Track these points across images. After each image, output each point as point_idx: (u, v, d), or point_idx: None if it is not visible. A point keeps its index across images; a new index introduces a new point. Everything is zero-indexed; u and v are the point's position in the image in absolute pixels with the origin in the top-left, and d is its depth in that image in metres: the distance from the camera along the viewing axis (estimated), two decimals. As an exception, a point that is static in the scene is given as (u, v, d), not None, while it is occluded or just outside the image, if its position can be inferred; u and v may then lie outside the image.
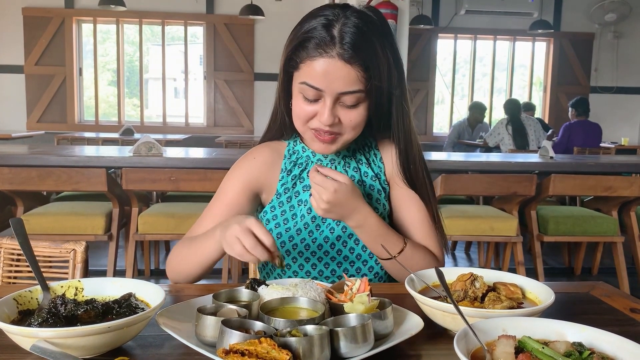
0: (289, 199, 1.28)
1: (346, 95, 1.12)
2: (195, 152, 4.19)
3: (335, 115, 1.15)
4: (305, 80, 1.13)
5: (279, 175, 1.30)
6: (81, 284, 0.91)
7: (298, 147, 1.33)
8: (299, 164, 1.31)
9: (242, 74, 7.59)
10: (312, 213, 1.25)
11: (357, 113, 1.16)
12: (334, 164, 1.31)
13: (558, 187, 3.57)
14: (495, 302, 0.87)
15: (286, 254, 1.27)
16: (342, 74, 1.10)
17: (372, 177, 1.31)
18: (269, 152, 1.33)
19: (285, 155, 1.32)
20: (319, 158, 1.31)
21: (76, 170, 3.26)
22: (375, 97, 1.16)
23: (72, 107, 7.51)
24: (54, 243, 1.53)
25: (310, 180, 1.15)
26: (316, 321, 0.79)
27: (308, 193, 1.26)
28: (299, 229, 1.26)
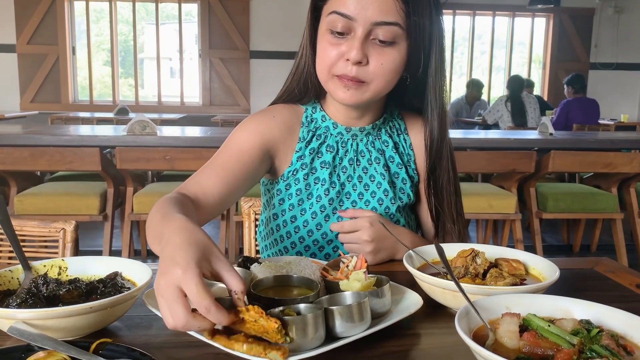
0: (305, 176, 1.17)
1: (380, 28, 0.99)
2: (191, 131, 4.14)
3: (365, 54, 1.01)
4: (335, 9, 1.01)
5: (296, 145, 1.18)
6: (65, 263, 0.87)
7: (317, 115, 1.20)
8: (318, 135, 1.19)
9: (237, 52, 7.49)
10: (330, 194, 1.16)
11: (391, 55, 1.02)
12: (355, 140, 1.19)
13: (557, 164, 3.54)
14: (497, 278, 0.83)
15: (299, 241, 1.17)
16: (378, 1, 0.99)
17: (398, 164, 1.21)
18: (288, 114, 1.20)
19: (303, 122, 1.20)
20: (340, 132, 1.18)
21: (69, 150, 3.21)
22: (413, 45, 1.04)
23: (65, 87, 7.42)
24: (42, 222, 1.49)
25: (340, 236, 1.09)
26: (310, 300, 0.75)
27: (326, 171, 1.17)
28: (314, 212, 1.16)
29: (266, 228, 1.25)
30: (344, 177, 1.19)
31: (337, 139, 1.20)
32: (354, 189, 1.19)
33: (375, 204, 1.19)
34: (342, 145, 1.20)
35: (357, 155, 1.20)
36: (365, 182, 1.19)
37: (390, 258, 1.11)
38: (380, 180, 1.19)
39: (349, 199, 1.18)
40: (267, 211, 1.25)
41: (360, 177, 1.19)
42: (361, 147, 1.20)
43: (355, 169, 1.19)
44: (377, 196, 1.19)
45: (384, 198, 1.19)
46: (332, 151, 1.19)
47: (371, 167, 1.20)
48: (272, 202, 1.22)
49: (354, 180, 1.19)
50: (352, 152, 1.20)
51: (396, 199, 1.20)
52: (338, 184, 1.18)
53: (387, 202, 1.19)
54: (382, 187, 1.19)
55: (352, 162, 1.19)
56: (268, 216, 1.23)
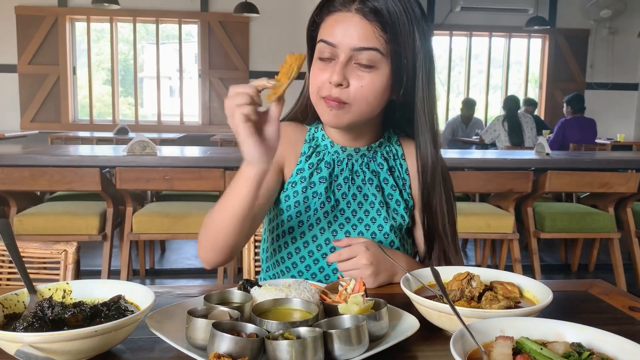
0: (304, 189, 1.23)
1: (360, 53, 1.07)
2: (190, 151, 4.17)
3: (346, 77, 1.08)
4: (322, 37, 1.11)
5: (298, 159, 1.25)
6: (69, 286, 0.88)
7: (318, 134, 1.27)
8: (317, 152, 1.26)
9: (237, 72, 7.56)
10: (325, 207, 1.21)
11: (370, 79, 1.09)
12: (351, 160, 1.25)
13: (554, 184, 3.57)
14: (492, 301, 0.85)
15: (295, 252, 1.21)
16: (358, 29, 1.07)
17: (392, 186, 1.25)
18: (292, 130, 1.28)
19: (306, 140, 1.27)
20: (336, 150, 1.24)
21: (69, 170, 3.23)
22: (396, 69, 1.10)
23: (66, 107, 7.47)
24: (44, 244, 1.51)
25: (339, 265, 1.12)
26: (309, 323, 0.77)
27: (323, 185, 1.22)
28: (310, 224, 1.22)
29: (267, 240, 1.29)
30: (338, 194, 1.24)
31: (334, 157, 1.25)
32: (348, 205, 1.23)
33: (369, 221, 1.23)
34: (338, 164, 1.25)
35: (352, 174, 1.25)
36: (359, 200, 1.24)
37: (390, 280, 1.13)
38: (373, 200, 1.24)
39: (343, 214, 1.23)
40: (269, 222, 1.30)
41: (354, 195, 1.24)
42: (356, 167, 1.25)
43: (350, 187, 1.24)
44: (370, 215, 1.23)
45: (377, 217, 1.23)
46: (329, 168, 1.25)
47: (365, 186, 1.25)
48: (273, 212, 1.27)
49: (348, 198, 1.24)
50: (347, 171, 1.25)
51: (389, 218, 1.23)
52: (333, 199, 1.23)
53: (380, 221, 1.22)
54: (375, 207, 1.23)
55: (347, 180, 1.24)
56: (270, 227, 1.28)
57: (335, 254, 1.14)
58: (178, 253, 4.69)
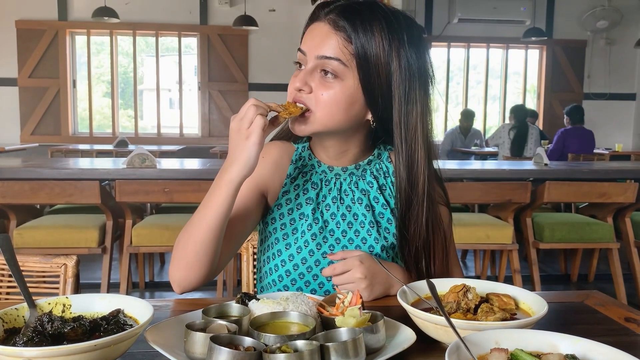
0: (290, 211, 1.21)
1: (323, 62, 1.08)
2: (189, 163, 4.18)
3: (308, 83, 1.10)
4: (300, 46, 1.14)
5: (284, 181, 1.24)
6: (69, 300, 0.89)
7: (305, 153, 1.26)
8: (304, 172, 1.24)
9: (236, 84, 7.60)
10: (313, 230, 1.19)
11: (332, 88, 1.09)
12: (339, 179, 1.23)
13: (553, 194, 3.58)
14: (488, 313, 0.86)
15: (285, 275, 1.20)
16: (325, 38, 1.09)
17: (382, 204, 1.23)
18: (277, 152, 1.26)
19: (292, 160, 1.26)
20: (323, 170, 1.23)
21: (69, 183, 3.24)
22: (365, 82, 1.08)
23: (66, 119, 7.50)
24: (44, 258, 1.52)
25: (334, 279, 1.11)
26: (307, 336, 0.78)
27: (310, 207, 1.21)
28: (299, 246, 1.20)
29: (260, 261, 1.29)
30: (327, 214, 1.22)
31: (321, 177, 1.24)
32: (337, 226, 1.21)
33: (359, 242, 1.21)
34: (326, 184, 1.24)
35: (341, 193, 1.23)
36: (349, 220, 1.22)
37: (385, 293, 1.13)
38: (363, 220, 1.21)
39: (332, 235, 1.21)
40: (260, 244, 1.30)
41: (343, 215, 1.22)
42: (345, 186, 1.24)
43: (338, 207, 1.22)
44: (360, 235, 1.21)
45: (368, 237, 1.21)
46: (316, 188, 1.23)
47: (354, 206, 1.23)
48: (262, 235, 1.27)
49: (337, 218, 1.22)
50: (336, 191, 1.23)
51: (380, 238, 1.21)
52: (321, 220, 1.21)
53: (371, 241, 1.20)
54: (365, 227, 1.21)
55: (335, 200, 1.22)
56: (261, 249, 1.29)
57: (329, 268, 1.13)
58: (178, 265, 4.67)
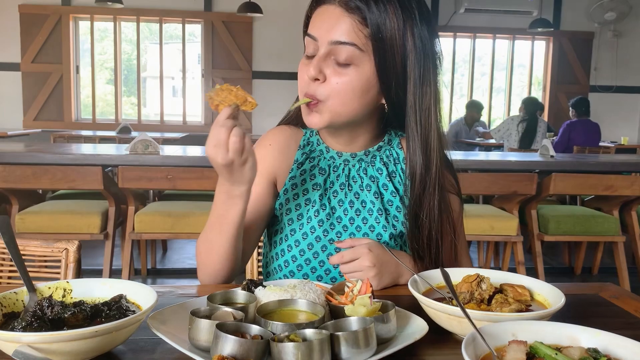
0: (295, 196, 1.19)
1: (338, 48, 1.02)
2: (193, 150, 4.15)
3: (323, 71, 1.04)
4: (308, 32, 1.08)
5: (291, 167, 1.21)
6: (69, 285, 0.86)
7: (313, 138, 1.23)
8: (311, 157, 1.21)
9: (240, 72, 7.54)
10: (320, 216, 1.17)
11: (347, 76, 1.03)
12: (347, 165, 1.20)
13: (559, 186, 3.54)
14: (503, 304, 0.83)
15: (291, 260, 1.17)
16: (338, 22, 1.02)
17: (392, 192, 1.20)
18: (284, 138, 1.23)
19: (300, 145, 1.22)
20: (332, 156, 1.20)
21: (72, 169, 3.22)
22: (380, 68, 1.03)
23: (69, 105, 7.46)
24: (45, 242, 1.49)
25: (341, 267, 1.08)
26: (315, 325, 0.75)
27: (317, 193, 1.18)
28: (304, 232, 1.17)
29: (266, 246, 1.27)
30: (334, 201, 1.19)
31: (330, 163, 1.21)
32: (345, 213, 1.19)
33: (367, 230, 1.18)
34: (334, 170, 1.21)
35: (349, 180, 1.20)
36: (357, 207, 1.19)
37: (394, 282, 1.11)
38: (371, 207, 1.18)
39: (339, 222, 1.18)
40: (267, 229, 1.27)
41: (351, 202, 1.19)
42: (353, 172, 1.21)
43: (346, 194, 1.19)
44: (368, 223, 1.18)
45: (376, 225, 1.18)
46: (324, 174, 1.20)
47: (362, 193, 1.20)
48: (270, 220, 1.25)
49: (345, 205, 1.19)
50: (344, 177, 1.20)
51: (389, 226, 1.18)
52: (328, 206, 1.18)
53: (379, 229, 1.18)
54: (374, 215, 1.18)
55: (343, 187, 1.20)
56: (268, 233, 1.26)
57: (337, 256, 1.10)
58: (180, 253, 4.67)
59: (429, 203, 1.12)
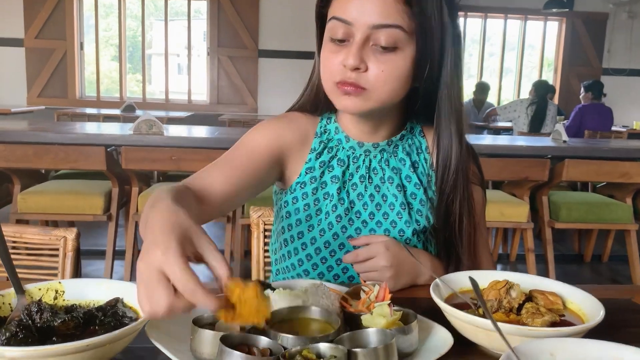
0: (314, 190, 1.10)
1: (380, 32, 0.92)
2: (198, 131, 4.07)
3: (364, 59, 0.94)
4: (334, 14, 0.96)
5: (307, 156, 1.11)
6: (62, 286, 0.80)
7: (331, 126, 1.13)
8: (329, 147, 1.12)
9: (246, 50, 7.41)
10: (338, 211, 1.09)
11: (393, 62, 0.94)
12: (368, 156, 1.11)
13: (572, 173, 3.45)
14: (535, 315, 0.76)
15: (306, 259, 1.10)
16: (377, 2, 0.91)
17: (415, 184, 1.12)
18: (304, 122, 1.13)
19: (317, 133, 1.13)
20: (352, 146, 1.11)
21: (74, 148, 3.15)
22: (421, 51, 0.95)
23: (73, 82, 7.37)
24: (43, 230, 1.43)
25: (355, 266, 1.01)
26: (330, 338, 0.68)
27: (335, 186, 1.09)
28: (322, 229, 1.09)
29: (276, 241, 1.18)
30: (353, 195, 1.11)
31: (349, 154, 1.12)
32: (364, 207, 1.11)
33: (388, 225, 1.10)
34: (354, 161, 1.12)
35: (370, 172, 1.12)
36: (378, 201, 1.11)
37: (412, 283, 1.03)
38: (393, 201, 1.10)
39: (359, 217, 1.10)
40: (277, 222, 1.19)
41: (372, 195, 1.11)
42: (374, 164, 1.12)
43: (366, 187, 1.11)
44: (389, 218, 1.10)
45: (398, 220, 1.10)
46: (343, 165, 1.11)
47: (384, 186, 1.11)
48: (280, 213, 1.16)
49: (365, 199, 1.11)
50: (364, 169, 1.12)
51: (412, 221, 1.10)
52: (347, 200, 1.10)
53: (402, 225, 1.10)
54: (395, 209, 1.10)
55: (363, 180, 1.11)
56: (278, 229, 1.17)
57: (351, 254, 1.03)
58: (184, 234, 4.60)
59: (461, 194, 1.06)
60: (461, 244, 1.08)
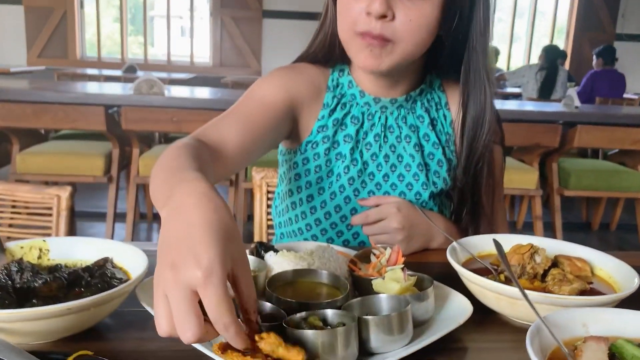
0: (326, 151, 1.02)
1: None
2: (200, 92, 3.98)
3: (390, 7, 0.86)
4: None
5: (320, 112, 1.03)
6: (46, 244, 0.73)
7: (344, 79, 1.04)
8: (342, 103, 1.03)
9: (250, 11, 7.23)
10: (351, 173, 1.01)
11: (421, 10, 0.87)
12: (384, 113, 1.03)
13: (584, 139, 3.37)
14: (562, 282, 0.69)
15: (315, 224, 1.03)
16: None
17: (434, 143, 1.04)
18: (315, 73, 1.05)
19: (329, 87, 1.04)
20: (367, 102, 1.02)
21: (73, 108, 3.07)
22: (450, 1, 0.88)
23: (73, 43, 7.23)
24: (35, 188, 1.37)
25: (365, 228, 0.94)
26: (339, 303, 0.62)
27: (348, 145, 1.02)
28: (333, 192, 1.02)
29: (282, 203, 1.11)
30: (367, 155, 1.03)
31: (364, 110, 1.03)
32: (378, 169, 1.03)
33: (404, 188, 1.03)
34: (369, 118, 1.03)
35: (385, 130, 1.04)
36: (393, 162, 1.03)
37: (425, 247, 0.97)
38: (410, 162, 1.03)
39: (372, 180, 1.03)
40: (283, 184, 1.11)
41: (386, 156, 1.03)
42: (390, 121, 1.04)
43: (381, 146, 1.03)
44: (405, 180, 1.03)
45: (414, 182, 1.03)
46: (357, 123, 1.03)
47: (400, 145, 1.03)
48: (288, 175, 1.08)
49: (379, 159, 1.03)
50: (380, 127, 1.03)
51: (429, 184, 1.03)
52: (360, 161, 1.02)
53: (418, 187, 1.03)
54: (412, 170, 1.03)
55: (378, 139, 1.03)
56: (284, 191, 1.10)
57: (361, 216, 0.96)
58: (186, 197, 4.55)
59: (484, 154, 0.99)
60: (479, 206, 1.01)
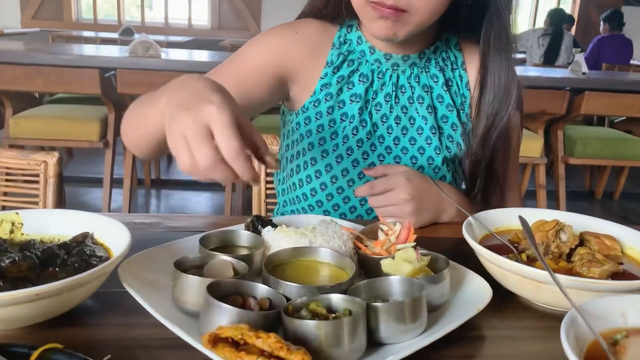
0: (330, 109, 0.95)
1: None
2: (197, 55, 3.87)
3: None
4: None
5: (322, 70, 0.96)
6: (19, 217, 0.66)
7: (352, 35, 0.97)
8: (350, 60, 0.96)
9: (249, -27, 7.03)
10: (359, 135, 0.94)
11: None
12: (396, 71, 0.96)
13: (591, 106, 3.28)
14: (591, 263, 0.63)
15: (320, 189, 0.96)
16: None
17: (448, 105, 0.97)
18: (315, 31, 0.98)
19: (335, 44, 0.97)
20: (377, 59, 0.95)
21: (67, 70, 2.97)
22: None
23: (68, 4, 7.04)
24: (20, 154, 1.29)
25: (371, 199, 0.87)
26: (344, 287, 0.55)
27: (356, 106, 0.94)
28: (339, 155, 0.95)
29: (286, 168, 1.04)
30: (377, 116, 0.95)
31: (373, 68, 0.96)
32: (388, 132, 0.96)
33: (415, 152, 0.96)
34: (379, 77, 0.96)
35: (397, 90, 0.96)
36: (404, 124, 0.96)
37: (435, 220, 0.90)
38: (422, 125, 0.96)
39: (382, 143, 0.96)
40: (285, 147, 1.04)
41: (398, 117, 0.96)
42: (402, 80, 0.96)
43: (392, 107, 0.96)
44: (417, 144, 0.96)
45: (426, 146, 0.96)
46: (366, 82, 0.95)
47: (412, 106, 0.96)
48: (290, 137, 1.01)
49: (390, 122, 0.96)
50: (391, 86, 0.96)
51: (442, 148, 0.96)
52: (369, 123, 0.95)
53: (431, 152, 0.96)
54: (424, 134, 0.96)
55: (388, 99, 0.95)
56: (287, 156, 1.03)
57: (366, 186, 0.89)
58: (185, 163, 4.48)
59: (503, 119, 0.92)
60: (494, 178, 0.95)
